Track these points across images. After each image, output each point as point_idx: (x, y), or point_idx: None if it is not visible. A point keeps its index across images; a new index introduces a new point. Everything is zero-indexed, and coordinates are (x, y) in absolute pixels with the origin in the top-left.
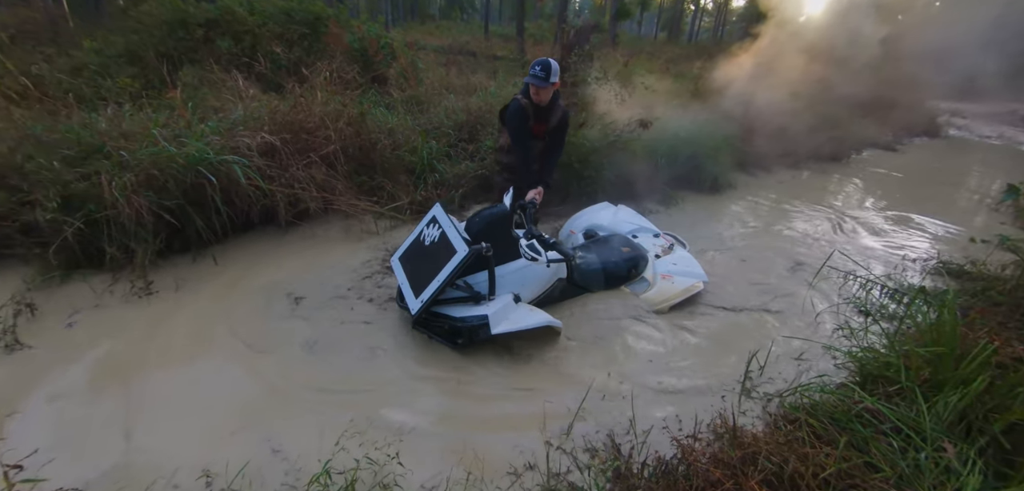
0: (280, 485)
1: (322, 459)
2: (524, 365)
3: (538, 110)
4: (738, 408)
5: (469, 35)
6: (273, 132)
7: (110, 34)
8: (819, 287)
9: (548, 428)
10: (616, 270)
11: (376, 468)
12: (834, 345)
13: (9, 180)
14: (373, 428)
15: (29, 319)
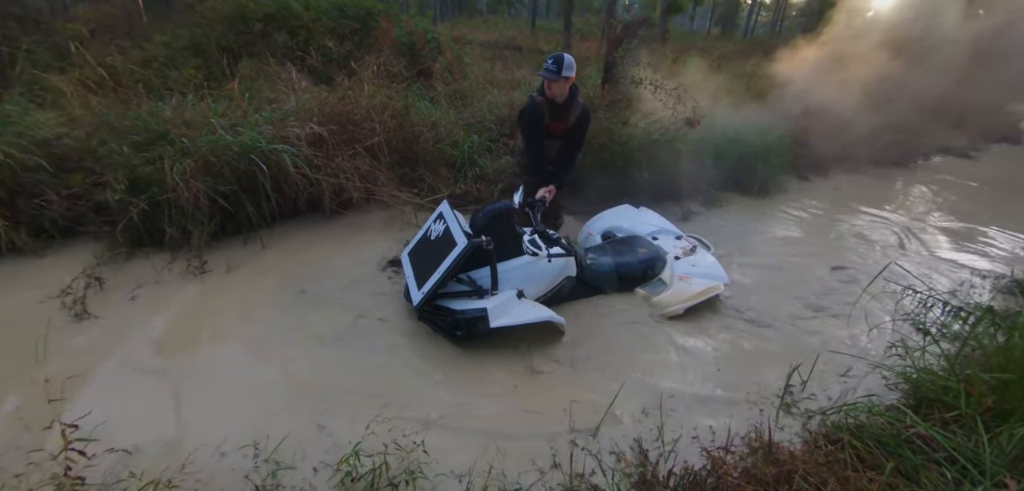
0: (319, 462)
1: (353, 441)
2: (549, 366)
3: (554, 107)
4: (775, 423)
5: (516, 30)
6: (321, 123)
7: (178, 28)
8: (872, 301)
9: (574, 429)
10: (630, 271)
11: (403, 454)
12: (886, 364)
13: (85, 163)
14: (402, 417)
15: (97, 291)
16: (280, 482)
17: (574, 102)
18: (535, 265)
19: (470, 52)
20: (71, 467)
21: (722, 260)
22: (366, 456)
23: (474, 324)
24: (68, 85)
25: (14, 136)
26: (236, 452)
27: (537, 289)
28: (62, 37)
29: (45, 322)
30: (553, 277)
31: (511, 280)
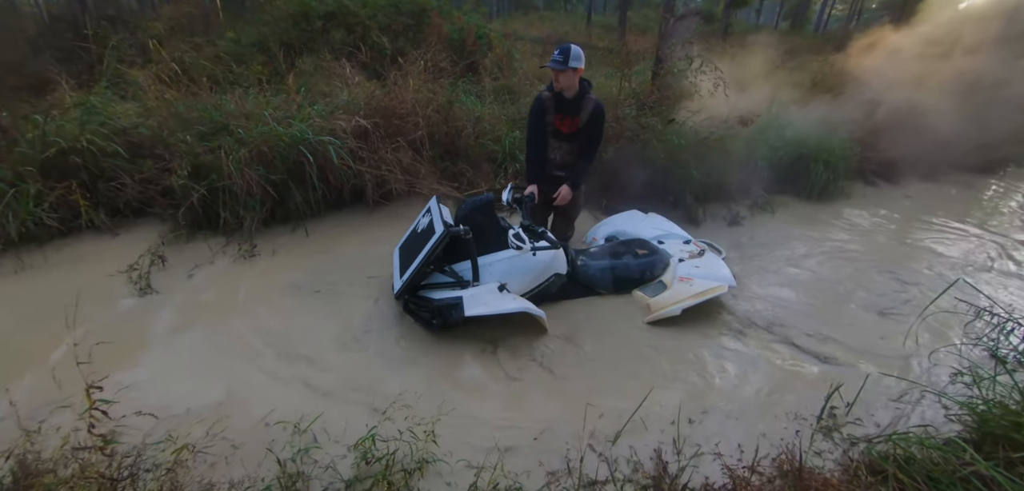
0: (342, 443)
1: (371, 425)
2: (571, 369)
3: (562, 102)
4: (810, 445)
5: (570, 26)
6: (367, 116)
7: (247, 26)
8: (937, 321)
9: (594, 435)
10: (626, 272)
11: (417, 444)
12: (947, 392)
13: (156, 150)
14: (419, 404)
15: (160, 269)
16: (302, 466)
17: (586, 98)
18: (520, 259)
19: (520, 48)
20: (95, 425)
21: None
22: (381, 441)
23: (449, 311)
24: (146, 79)
25: (98, 125)
26: (262, 426)
27: (522, 284)
28: (145, 35)
29: (97, 291)
30: (539, 272)
31: (494, 273)
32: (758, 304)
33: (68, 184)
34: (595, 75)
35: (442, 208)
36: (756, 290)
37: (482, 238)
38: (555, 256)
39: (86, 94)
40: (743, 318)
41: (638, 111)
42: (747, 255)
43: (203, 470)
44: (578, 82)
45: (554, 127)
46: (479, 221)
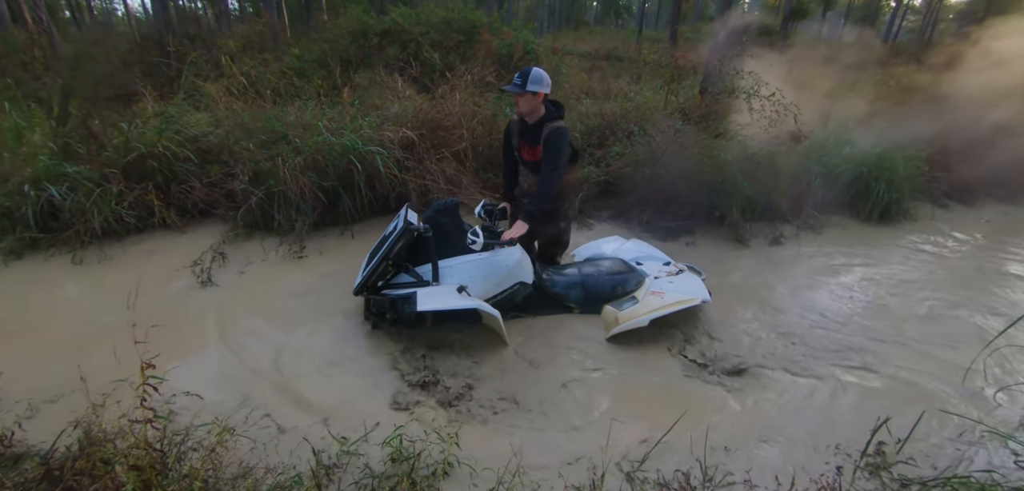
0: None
1: (397, 424)
2: (607, 387)
3: (525, 128)
4: (853, 483)
5: (620, 40)
6: (414, 128)
7: (311, 43)
8: (1009, 354)
9: (616, 454)
10: (597, 285)
11: (444, 447)
12: (1017, 435)
13: (222, 156)
14: (444, 406)
15: (220, 264)
16: (336, 459)
17: (544, 122)
18: (482, 262)
19: (568, 62)
20: (146, 398)
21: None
22: (408, 440)
23: (402, 304)
24: (218, 92)
25: (173, 133)
26: (299, 414)
27: (484, 288)
28: (219, 52)
29: (165, 282)
30: (501, 277)
31: (455, 275)
32: (800, 327)
33: (145, 185)
34: (643, 89)
35: (411, 213)
36: (799, 312)
37: (446, 240)
38: (519, 263)
39: (165, 105)
40: (782, 340)
41: (684, 125)
42: (788, 275)
43: (243, 453)
44: (543, 107)
45: (520, 155)
46: (443, 223)
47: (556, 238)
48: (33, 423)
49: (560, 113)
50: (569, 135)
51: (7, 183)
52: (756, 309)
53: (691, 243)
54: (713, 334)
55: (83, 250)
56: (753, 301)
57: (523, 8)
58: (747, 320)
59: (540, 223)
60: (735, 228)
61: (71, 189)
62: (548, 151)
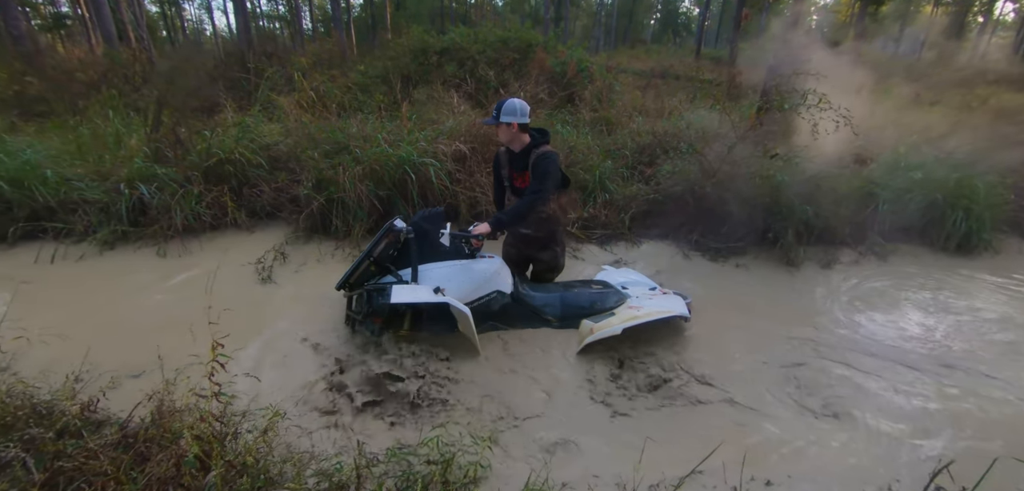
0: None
1: (438, 426)
2: (641, 405)
3: (512, 156)
4: None
5: (677, 59)
6: (466, 142)
7: (375, 60)
8: None
9: (650, 475)
10: (576, 300)
11: (477, 450)
12: None
13: (289, 164)
14: (482, 409)
15: (281, 263)
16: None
17: (530, 150)
18: (460, 267)
19: (623, 80)
20: (214, 374)
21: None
22: (444, 444)
23: (376, 295)
24: (289, 105)
25: (248, 141)
26: (343, 402)
27: (461, 293)
28: (293, 68)
29: (232, 277)
30: (479, 283)
31: (433, 278)
32: (853, 356)
33: (222, 188)
34: (697, 108)
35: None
36: (854, 339)
37: (428, 245)
38: (497, 272)
39: (243, 115)
40: (831, 369)
41: (738, 144)
42: (846, 302)
43: (291, 437)
44: (526, 135)
45: (511, 183)
46: (426, 229)
47: (551, 263)
48: (116, 394)
49: (545, 139)
50: (557, 160)
51: (106, 181)
52: (808, 334)
53: (742, 265)
54: (757, 359)
55: (166, 244)
56: (806, 324)
57: (579, 27)
58: (795, 345)
59: (535, 248)
60: (788, 251)
61: (159, 189)
62: (535, 175)
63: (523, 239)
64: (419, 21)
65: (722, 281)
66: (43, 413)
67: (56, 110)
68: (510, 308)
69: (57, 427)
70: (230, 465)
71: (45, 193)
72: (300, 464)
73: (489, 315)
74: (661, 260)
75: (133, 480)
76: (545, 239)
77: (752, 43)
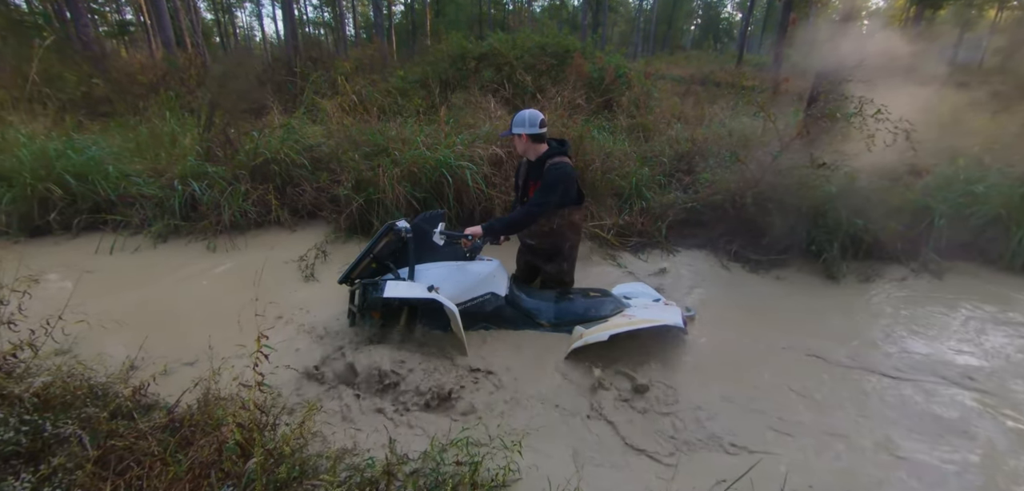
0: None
1: (466, 428)
2: (685, 415)
3: (531, 166)
4: None
5: (718, 65)
6: (503, 146)
7: (414, 65)
8: None
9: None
10: (570, 306)
11: (506, 454)
12: None
13: (330, 165)
14: (512, 414)
15: (322, 261)
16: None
17: (545, 160)
18: (456, 268)
19: (661, 87)
20: (258, 363)
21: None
22: (472, 444)
23: (371, 289)
24: (332, 108)
25: (293, 142)
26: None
27: (455, 292)
28: (336, 73)
29: (277, 273)
30: (473, 284)
31: (429, 276)
32: (900, 373)
33: (267, 187)
34: (739, 115)
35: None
36: (901, 357)
37: (426, 246)
38: (493, 274)
39: (288, 118)
40: (876, 391)
41: (782, 153)
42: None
43: (328, 430)
44: (542, 145)
45: (525, 192)
46: (426, 230)
47: (557, 276)
48: (166, 379)
49: (563, 150)
50: (569, 171)
51: (161, 178)
52: (853, 348)
53: (782, 278)
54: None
55: (215, 239)
56: (851, 341)
57: (617, 33)
58: (839, 366)
59: (541, 259)
60: (831, 265)
61: (209, 186)
62: (541, 185)
63: (528, 249)
64: (458, 27)
65: (762, 294)
66: (99, 394)
67: (119, 110)
68: (504, 310)
69: (110, 408)
70: (269, 453)
71: (106, 188)
72: (334, 458)
73: (482, 316)
74: (698, 270)
75: (177, 462)
76: (549, 251)
77: (798, 49)
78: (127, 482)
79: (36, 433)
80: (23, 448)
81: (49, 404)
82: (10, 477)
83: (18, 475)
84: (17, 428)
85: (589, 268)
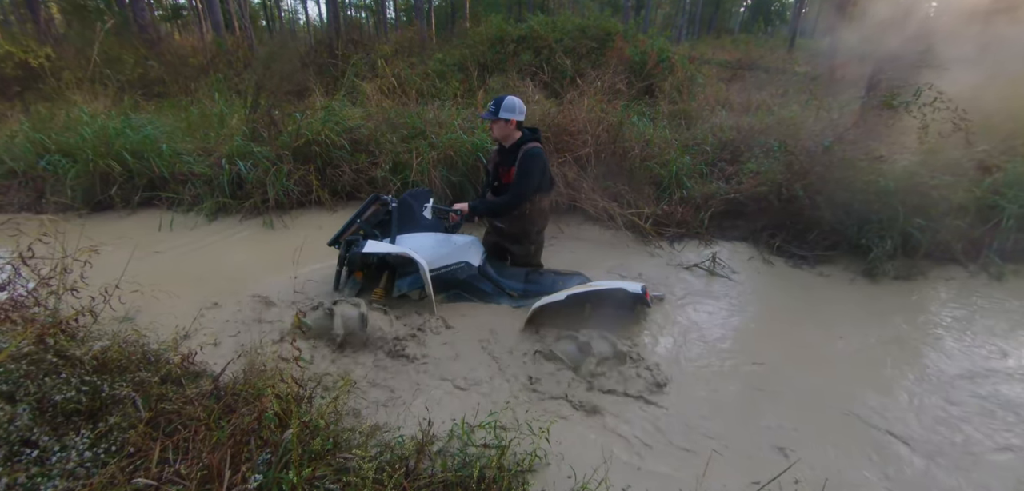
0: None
1: (494, 411)
2: (715, 411)
3: (502, 152)
4: None
5: (767, 50)
6: (542, 131)
7: (452, 48)
8: None
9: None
10: (539, 280)
11: (533, 439)
12: None
13: (369, 147)
14: (542, 402)
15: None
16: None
17: (518, 148)
18: (434, 237)
19: (705, 72)
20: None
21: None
22: (500, 428)
23: (353, 247)
24: (371, 90)
25: (334, 124)
26: (414, 375)
27: (431, 256)
28: (376, 55)
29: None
30: (449, 252)
31: (409, 243)
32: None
33: (308, 167)
34: (789, 103)
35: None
36: (957, 367)
37: (410, 217)
38: (469, 245)
39: (329, 100)
40: (927, 404)
41: (834, 144)
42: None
43: (362, 405)
44: (517, 132)
45: (497, 178)
46: (410, 203)
47: (523, 258)
48: (213, 350)
49: (536, 137)
50: (542, 159)
51: (210, 156)
52: (908, 347)
53: (826, 274)
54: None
55: (259, 216)
56: (906, 342)
57: (661, 16)
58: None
59: (508, 240)
60: (881, 264)
61: (254, 165)
62: (519, 171)
63: (496, 231)
64: (497, 9)
65: (804, 290)
66: (151, 360)
67: (171, 91)
68: (476, 281)
69: (161, 373)
70: (305, 425)
71: (160, 165)
72: (366, 432)
73: (456, 283)
74: (738, 262)
75: (220, 428)
76: (517, 235)
77: (856, 32)
78: (175, 444)
79: (95, 393)
80: (83, 406)
81: (106, 367)
82: (71, 433)
83: (78, 431)
84: (78, 387)
85: (627, 257)
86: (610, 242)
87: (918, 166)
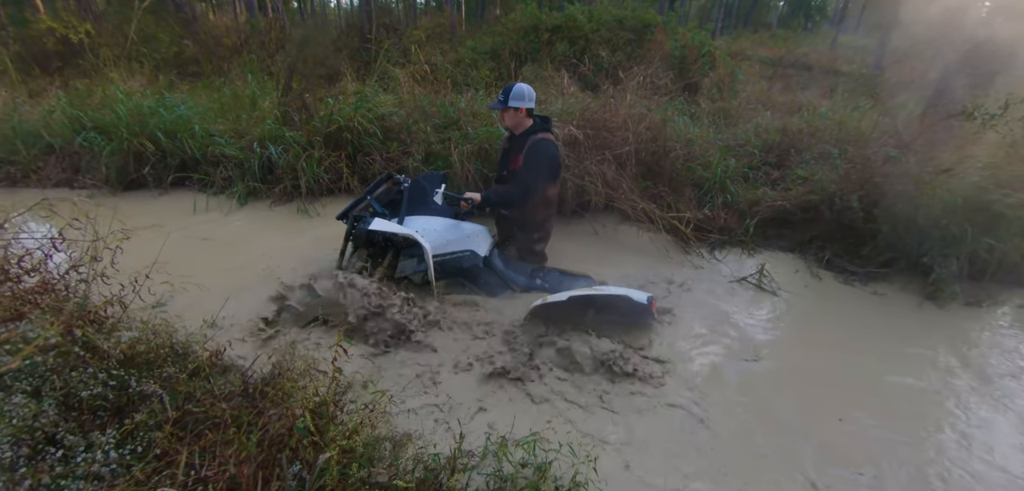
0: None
1: (533, 429)
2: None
3: (512, 140)
4: None
5: (809, 46)
6: (579, 126)
7: (484, 36)
8: None
9: None
10: (545, 278)
11: (574, 462)
12: None
13: (401, 135)
14: (584, 423)
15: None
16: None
17: (528, 136)
18: (442, 222)
19: (747, 69)
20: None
21: None
22: (540, 448)
23: (359, 224)
24: (403, 77)
25: (365, 111)
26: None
27: (437, 242)
28: (408, 41)
29: None
30: (456, 239)
31: (416, 225)
32: None
33: (339, 154)
34: (838, 105)
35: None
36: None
37: (421, 200)
38: (476, 235)
39: (361, 85)
40: None
41: (900, 154)
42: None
43: (396, 416)
44: (529, 120)
45: (506, 165)
46: (423, 185)
47: (528, 247)
48: (243, 345)
49: (547, 126)
50: (554, 149)
51: (242, 139)
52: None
53: (880, 293)
54: None
55: (289, 202)
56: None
57: (696, 8)
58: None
59: (517, 228)
60: (943, 285)
61: (285, 150)
62: (526, 161)
63: (501, 215)
64: None
65: (863, 313)
66: (179, 353)
67: (205, 71)
68: (481, 271)
69: (190, 368)
70: (343, 452)
71: (192, 146)
72: (400, 446)
73: (461, 271)
74: (784, 276)
75: (249, 436)
76: (520, 221)
77: (904, 33)
78: (202, 448)
79: (122, 388)
80: (109, 402)
81: (134, 361)
82: (97, 430)
83: (104, 429)
84: (105, 382)
85: (661, 265)
86: (646, 249)
87: (987, 181)
